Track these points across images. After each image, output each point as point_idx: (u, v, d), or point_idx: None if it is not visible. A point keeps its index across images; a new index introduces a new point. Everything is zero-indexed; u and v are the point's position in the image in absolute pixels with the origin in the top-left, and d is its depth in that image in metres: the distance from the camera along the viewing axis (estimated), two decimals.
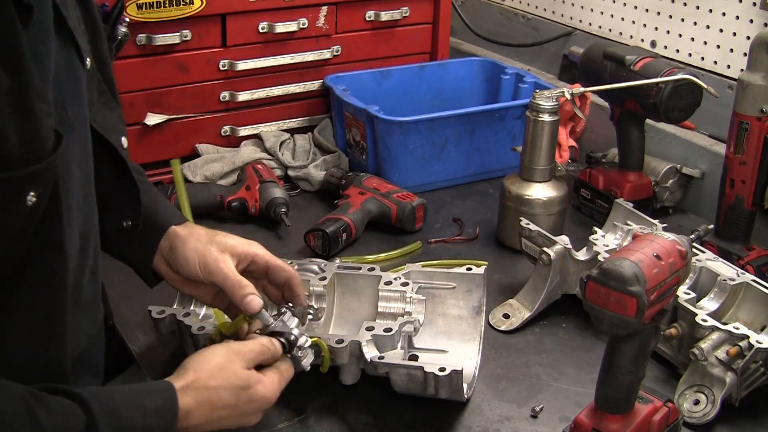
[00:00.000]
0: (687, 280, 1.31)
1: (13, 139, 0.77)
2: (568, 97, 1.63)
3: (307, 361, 1.13)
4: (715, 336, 1.22)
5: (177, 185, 1.63)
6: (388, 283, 1.30)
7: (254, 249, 1.19)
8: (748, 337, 1.20)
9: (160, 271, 1.20)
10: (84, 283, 0.98)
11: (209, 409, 0.98)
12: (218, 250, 1.15)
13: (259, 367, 1.06)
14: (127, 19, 1.13)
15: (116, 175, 1.04)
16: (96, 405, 0.87)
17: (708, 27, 1.85)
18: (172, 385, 0.97)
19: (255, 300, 1.11)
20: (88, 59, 0.95)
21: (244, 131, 1.97)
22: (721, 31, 1.83)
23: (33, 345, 0.91)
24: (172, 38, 1.80)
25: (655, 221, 1.53)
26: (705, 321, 1.24)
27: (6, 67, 0.77)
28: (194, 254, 1.14)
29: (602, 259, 1.36)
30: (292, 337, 1.10)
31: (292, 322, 1.12)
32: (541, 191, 1.63)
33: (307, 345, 1.12)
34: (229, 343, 1.06)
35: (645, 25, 2.01)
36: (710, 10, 1.84)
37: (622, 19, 2.07)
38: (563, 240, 1.44)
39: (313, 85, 2.03)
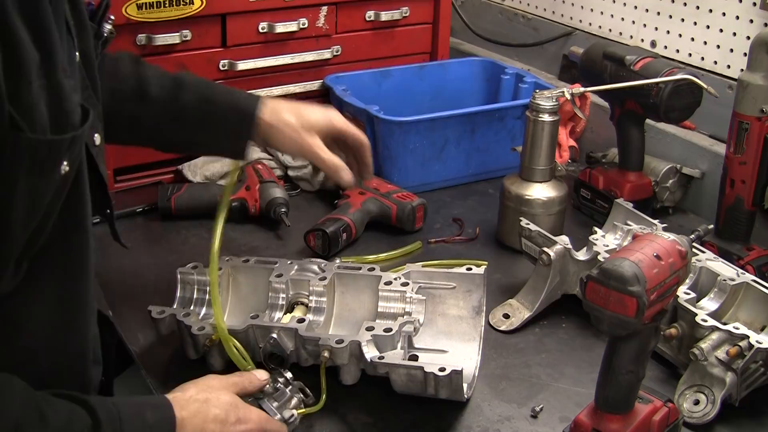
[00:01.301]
0: (687, 280, 1.31)
1: (44, 111, 0.81)
2: (568, 97, 1.63)
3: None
4: (715, 336, 1.22)
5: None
6: (388, 283, 1.30)
7: (334, 121, 1.34)
8: (748, 337, 1.20)
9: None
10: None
11: (201, 420, 1.02)
12: (309, 134, 1.29)
13: None
14: (113, 17, 1.14)
15: (88, 171, 1.04)
16: (101, 411, 0.91)
17: (708, 27, 1.85)
18: (169, 400, 1.02)
19: (347, 174, 1.31)
20: (77, 53, 0.96)
21: None
22: (721, 31, 1.83)
23: (56, 324, 0.95)
24: (172, 38, 1.80)
25: (655, 221, 1.53)
26: (705, 321, 1.24)
27: (36, 42, 0.79)
28: (291, 143, 1.30)
29: (602, 259, 1.36)
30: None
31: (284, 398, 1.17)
32: (541, 191, 1.63)
33: (292, 420, 1.15)
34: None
35: (645, 25, 2.01)
36: (710, 10, 1.84)
37: (622, 19, 2.07)
38: (563, 240, 1.44)
39: (313, 85, 2.03)
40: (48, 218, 0.87)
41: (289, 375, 1.19)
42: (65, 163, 0.85)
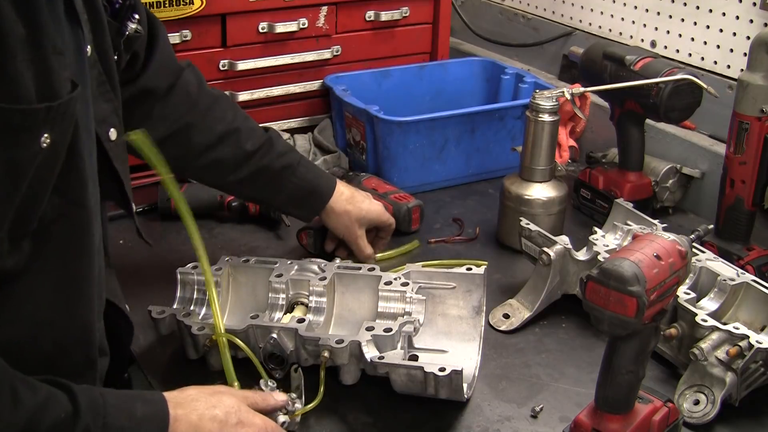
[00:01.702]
0: (687, 280, 1.31)
1: (29, 82, 0.82)
2: (568, 97, 1.63)
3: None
4: (715, 336, 1.22)
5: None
6: (388, 283, 1.30)
7: (381, 217, 1.56)
8: (748, 337, 1.20)
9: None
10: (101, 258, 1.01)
11: (197, 418, 0.98)
12: (359, 225, 1.52)
13: None
14: (137, 16, 1.14)
15: (99, 165, 1.04)
16: (83, 399, 0.89)
17: (708, 27, 1.85)
18: (164, 396, 0.98)
19: (371, 259, 1.54)
20: (89, 47, 0.97)
21: None
22: (721, 31, 1.83)
23: (61, 303, 0.95)
24: (171, 38, 1.80)
25: (655, 221, 1.53)
26: (705, 321, 1.24)
27: (22, 18, 0.81)
28: (343, 229, 1.52)
29: (602, 259, 1.36)
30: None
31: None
32: (541, 191, 1.63)
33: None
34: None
35: (645, 25, 2.01)
36: (710, 10, 1.84)
37: (622, 19, 2.07)
38: (563, 240, 1.44)
39: (313, 85, 2.03)
40: (39, 194, 0.88)
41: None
42: (45, 135, 0.85)
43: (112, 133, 1.06)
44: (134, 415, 0.93)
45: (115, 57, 1.09)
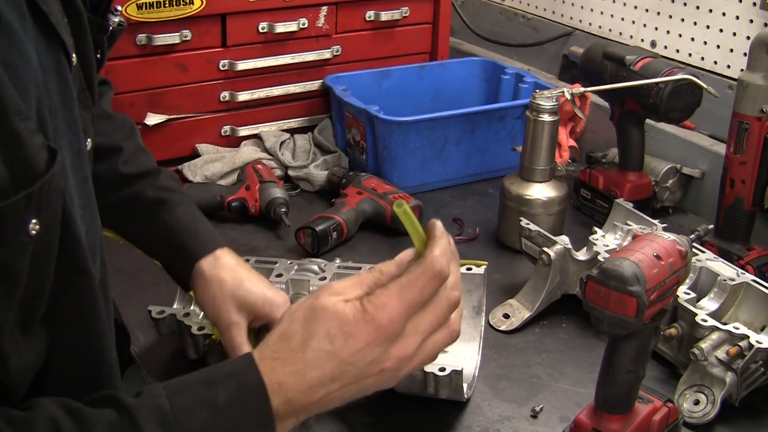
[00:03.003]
0: (687, 280, 1.31)
1: (0, 167, 0.67)
2: (568, 97, 1.63)
3: None
4: (715, 336, 1.22)
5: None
6: None
7: (274, 312, 1.12)
8: (748, 337, 1.20)
9: (189, 281, 1.18)
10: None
11: (302, 368, 0.76)
12: (236, 310, 1.11)
13: None
14: (119, 7, 1.07)
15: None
16: (143, 414, 0.72)
17: (708, 27, 1.85)
18: (249, 360, 0.78)
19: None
20: (74, 55, 0.86)
21: (244, 131, 1.97)
22: (721, 31, 1.83)
23: (83, 375, 0.86)
24: (172, 38, 1.80)
25: (655, 221, 1.53)
26: (705, 321, 1.24)
27: None
28: (211, 307, 1.13)
29: (602, 259, 1.36)
30: None
31: None
32: (541, 191, 1.63)
33: None
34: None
35: (645, 25, 2.01)
36: (710, 10, 1.84)
37: (622, 19, 2.07)
38: (563, 240, 1.44)
39: (313, 85, 2.03)
40: (42, 279, 0.76)
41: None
42: (34, 221, 0.70)
43: (88, 144, 0.94)
44: (216, 403, 0.73)
45: (98, 56, 0.98)
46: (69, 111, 0.84)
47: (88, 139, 0.94)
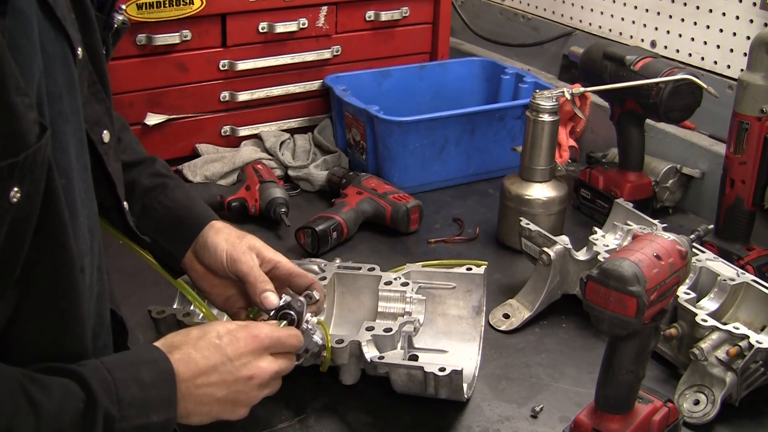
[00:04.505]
0: (687, 280, 1.31)
1: None
2: (568, 97, 1.63)
3: (318, 336, 1.15)
4: (715, 336, 1.22)
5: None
6: (388, 283, 1.30)
7: (279, 257, 1.24)
8: (748, 337, 1.20)
9: (184, 263, 1.24)
10: (94, 280, 0.97)
11: (192, 349, 0.98)
12: (247, 247, 1.21)
13: None
14: (123, 6, 1.11)
15: (94, 168, 1.00)
16: (94, 382, 0.87)
17: (708, 27, 1.85)
18: (160, 349, 0.97)
19: (272, 297, 1.15)
20: (80, 49, 0.91)
21: (244, 131, 1.97)
22: (721, 31, 1.83)
23: (50, 341, 0.91)
24: (172, 38, 1.80)
25: (655, 221, 1.53)
26: (705, 321, 1.24)
27: None
28: (224, 244, 1.20)
29: (602, 259, 1.36)
30: (299, 308, 1.13)
31: (297, 303, 1.14)
32: (541, 191, 1.63)
33: (314, 320, 1.14)
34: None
35: (645, 25, 2.01)
36: (710, 10, 1.84)
37: (622, 19, 2.07)
38: (563, 240, 1.44)
39: (313, 85, 2.03)
40: (17, 245, 0.81)
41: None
42: (15, 189, 0.77)
43: (105, 135, 1.01)
44: (143, 382, 0.91)
45: (104, 52, 1.04)
46: (73, 99, 0.89)
47: (105, 131, 1.01)
